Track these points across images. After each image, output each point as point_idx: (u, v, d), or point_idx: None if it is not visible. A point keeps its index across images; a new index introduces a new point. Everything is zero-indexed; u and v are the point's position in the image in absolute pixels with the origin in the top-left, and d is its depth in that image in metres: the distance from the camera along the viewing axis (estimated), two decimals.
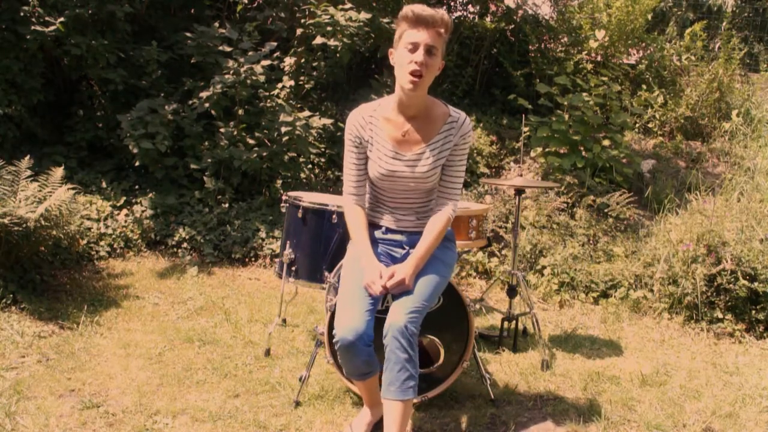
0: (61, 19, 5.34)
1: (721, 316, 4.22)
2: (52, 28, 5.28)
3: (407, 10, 2.29)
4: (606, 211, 5.52)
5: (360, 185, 2.57)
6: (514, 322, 3.80)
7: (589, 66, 6.87)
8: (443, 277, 2.54)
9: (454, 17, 7.63)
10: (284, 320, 4.09)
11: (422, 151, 2.47)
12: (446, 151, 2.48)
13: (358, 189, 2.57)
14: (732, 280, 4.19)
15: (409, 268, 2.43)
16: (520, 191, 3.79)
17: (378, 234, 2.65)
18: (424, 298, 2.40)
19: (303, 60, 6.23)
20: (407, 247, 2.63)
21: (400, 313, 2.32)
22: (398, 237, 2.64)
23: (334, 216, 3.24)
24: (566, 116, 6.07)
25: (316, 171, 6.38)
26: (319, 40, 5.81)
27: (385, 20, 6.18)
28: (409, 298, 2.36)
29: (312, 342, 3.76)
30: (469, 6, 7.75)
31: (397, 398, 2.31)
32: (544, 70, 7.03)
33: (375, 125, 2.49)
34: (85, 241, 5.06)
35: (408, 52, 2.30)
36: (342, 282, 2.53)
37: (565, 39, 7.28)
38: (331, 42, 5.78)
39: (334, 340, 2.37)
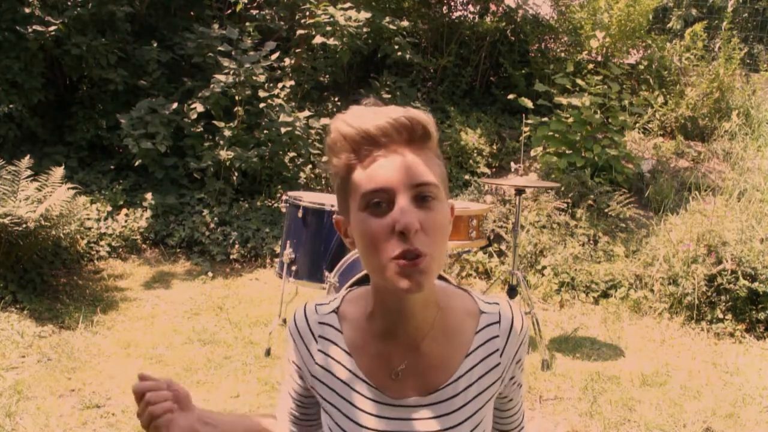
0: (62, 19, 5.34)
1: (721, 316, 4.22)
2: (52, 28, 5.28)
3: (341, 123, 1.01)
4: (606, 211, 5.52)
5: (299, 423, 1.23)
6: None
7: (590, 66, 6.87)
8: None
9: (454, 17, 7.63)
10: (284, 320, 4.09)
11: (437, 398, 1.11)
12: (493, 385, 1.13)
13: (297, 423, 1.24)
14: (732, 280, 4.19)
15: None
16: (520, 191, 3.79)
17: None
18: None
19: (303, 60, 6.24)
20: None
21: None
22: None
23: (334, 216, 3.24)
24: (566, 116, 6.07)
25: (316, 171, 6.38)
26: (318, 39, 5.81)
27: (386, 21, 6.18)
28: None
29: None
30: (469, 6, 7.76)
31: None
32: (544, 70, 7.03)
33: (332, 355, 1.14)
34: (85, 241, 5.06)
35: (371, 217, 0.97)
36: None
37: (566, 39, 7.29)
38: (331, 42, 5.78)
39: None
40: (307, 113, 5.86)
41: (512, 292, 3.78)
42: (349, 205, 1.01)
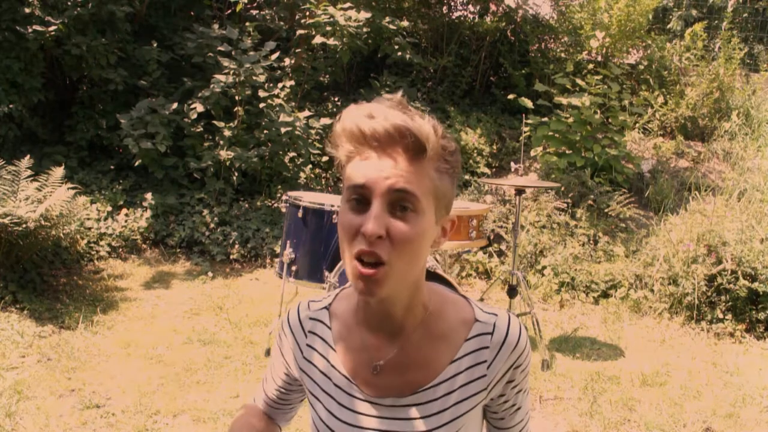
0: (62, 19, 5.34)
1: (721, 316, 4.22)
2: (52, 28, 5.28)
3: (346, 116, 1.01)
4: (606, 211, 5.51)
5: (277, 407, 1.34)
6: None
7: (590, 66, 6.87)
8: None
9: (454, 17, 7.63)
10: None
11: (416, 400, 1.12)
12: (477, 396, 1.12)
13: (272, 410, 1.35)
14: (732, 280, 4.19)
15: None
16: (520, 191, 3.79)
17: None
18: None
19: (303, 60, 6.24)
20: None
21: None
22: None
23: (334, 216, 3.24)
24: (566, 116, 6.07)
25: (316, 171, 6.38)
26: (318, 39, 5.81)
27: (386, 20, 6.18)
28: None
29: None
30: (469, 6, 7.76)
31: None
32: (544, 70, 7.03)
33: (318, 342, 1.19)
34: (85, 241, 5.06)
35: (349, 212, 1.01)
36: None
37: (566, 39, 7.29)
38: (331, 42, 5.78)
39: None
40: (307, 113, 5.86)
41: (512, 292, 3.78)
42: (344, 190, 1.03)
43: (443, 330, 1.13)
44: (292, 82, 6.07)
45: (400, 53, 6.55)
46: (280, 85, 5.98)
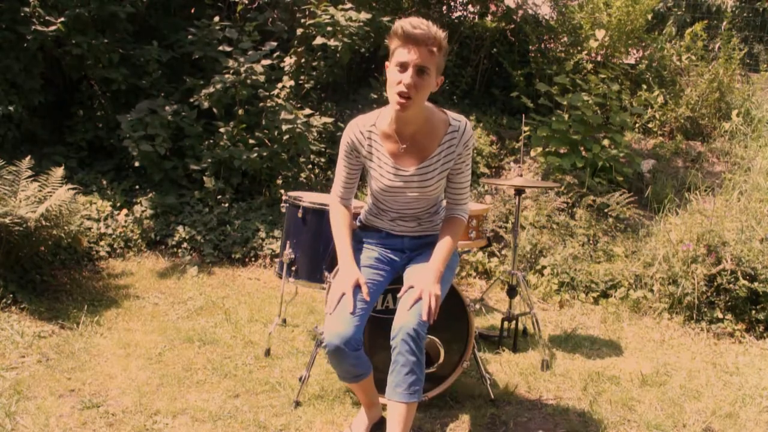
0: (62, 19, 5.33)
1: (721, 316, 4.22)
2: (52, 28, 5.28)
3: (398, 25, 2.19)
4: (606, 211, 5.51)
5: (348, 188, 2.58)
6: (514, 322, 3.80)
7: (589, 66, 6.87)
8: (448, 281, 2.55)
9: (454, 17, 7.63)
10: (284, 320, 4.09)
11: (424, 165, 2.41)
12: (450, 162, 2.42)
13: (345, 192, 2.59)
14: (732, 280, 4.19)
15: (435, 280, 2.39)
16: (520, 191, 3.79)
17: (378, 239, 2.67)
18: None
19: (303, 60, 6.24)
20: (408, 251, 2.65)
21: (411, 316, 2.28)
22: (398, 242, 2.66)
23: None
24: (566, 116, 6.07)
25: (316, 171, 6.38)
26: (319, 40, 5.81)
27: (385, 20, 6.18)
28: (419, 301, 2.33)
29: (312, 342, 3.76)
30: (469, 6, 7.75)
31: (403, 401, 2.32)
32: (544, 69, 7.03)
33: (374, 140, 2.42)
34: (85, 241, 5.06)
35: (397, 72, 2.20)
36: (333, 284, 2.51)
37: (565, 39, 7.28)
38: (332, 42, 5.78)
39: (321, 345, 2.34)
40: (307, 112, 5.86)
41: (512, 292, 3.79)
42: (391, 61, 2.25)
43: (433, 127, 2.40)
44: (292, 82, 6.07)
45: None
46: (279, 85, 5.98)
